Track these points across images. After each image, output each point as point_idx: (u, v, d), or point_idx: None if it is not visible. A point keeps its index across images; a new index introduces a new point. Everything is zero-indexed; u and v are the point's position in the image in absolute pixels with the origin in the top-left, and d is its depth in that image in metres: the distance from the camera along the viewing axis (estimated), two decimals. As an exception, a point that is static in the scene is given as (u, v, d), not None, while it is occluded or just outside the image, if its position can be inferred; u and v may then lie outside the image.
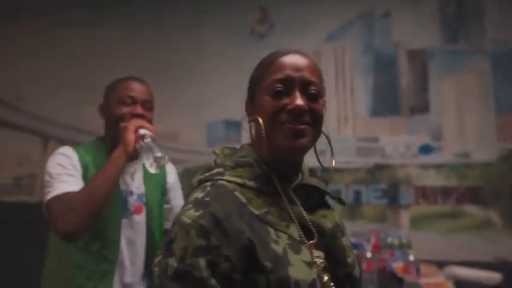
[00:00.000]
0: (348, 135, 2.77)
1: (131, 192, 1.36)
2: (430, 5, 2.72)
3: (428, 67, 2.72)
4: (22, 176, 3.16)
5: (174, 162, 1.62)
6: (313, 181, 0.76)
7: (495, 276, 1.98)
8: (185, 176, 1.69)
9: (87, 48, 3.15)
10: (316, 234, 0.71)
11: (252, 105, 0.79)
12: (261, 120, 0.73)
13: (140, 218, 1.36)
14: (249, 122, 0.78)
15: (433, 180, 2.65)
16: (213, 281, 0.62)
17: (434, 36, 2.71)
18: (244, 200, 0.70)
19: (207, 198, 0.69)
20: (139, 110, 1.31)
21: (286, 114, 0.71)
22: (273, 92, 0.73)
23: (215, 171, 0.76)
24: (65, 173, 1.23)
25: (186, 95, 2.97)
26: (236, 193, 0.71)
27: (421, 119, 2.70)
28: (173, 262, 0.64)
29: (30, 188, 3.13)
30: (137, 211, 1.35)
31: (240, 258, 0.64)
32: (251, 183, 0.73)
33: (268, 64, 0.77)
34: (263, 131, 0.73)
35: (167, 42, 3.04)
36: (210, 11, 3.00)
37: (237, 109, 3.28)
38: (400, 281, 1.94)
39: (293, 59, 0.75)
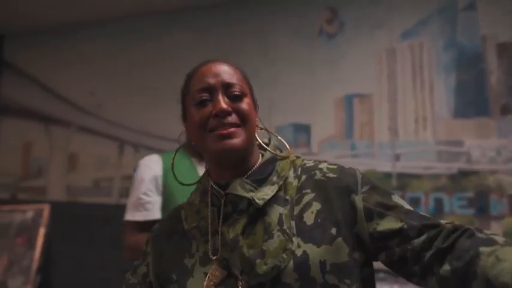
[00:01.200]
0: (427, 139, 2.55)
1: None
2: (524, -8, 2.42)
3: (523, 61, 2.42)
4: (101, 178, 3.35)
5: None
6: (234, 187, 0.74)
7: None
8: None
9: (158, 55, 3.26)
10: (219, 247, 0.73)
11: (186, 123, 0.82)
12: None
13: None
14: (187, 139, 0.83)
15: (530, 188, 2.34)
16: (133, 279, 0.86)
17: (530, 27, 2.41)
18: (183, 217, 0.82)
19: (166, 215, 0.92)
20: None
21: (213, 120, 0.74)
22: (198, 102, 0.76)
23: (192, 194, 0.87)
24: (144, 192, 1.39)
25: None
26: (182, 211, 0.84)
27: (515, 119, 2.40)
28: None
29: (108, 190, 3.30)
30: None
31: (153, 271, 0.81)
32: (196, 200, 0.81)
33: (189, 78, 0.81)
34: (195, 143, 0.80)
35: (234, 46, 3.05)
36: (278, 12, 2.96)
37: (305, 112, 3.23)
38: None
39: (210, 67, 0.78)
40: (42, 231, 2.84)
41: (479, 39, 2.52)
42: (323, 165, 0.79)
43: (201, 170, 1.45)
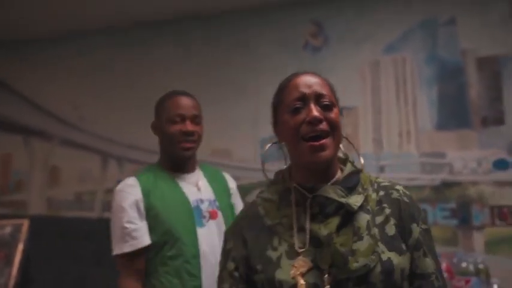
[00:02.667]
0: (411, 151, 2.59)
1: (202, 200, 1.39)
2: (502, 8, 2.51)
3: (501, 75, 2.49)
4: (83, 192, 3.28)
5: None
6: (326, 191, 0.81)
7: None
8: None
9: (143, 67, 3.25)
10: (308, 242, 0.80)
11: (277, 128, 0.91)
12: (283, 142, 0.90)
13: (217, 222, 1.39)
14: (279, 143, 0.92)
15: (511, 199, 2.39)
16: (223, 274, 0.88)
17: (508, 42, 2.49)
18: (262, 213, 0.87)
19: (240, 213, 0.97)
20: (189, 126, 1.37)
21: (305, 126, 0.81)
22: (292, 109, 0.84)
23: (261, 189, 0.93)
24: (127, 220, 1.31)
25: (239, 112, 2.95)
26: (259, 207, 0.88)
27: (494, 131, 2.46)
28: None
29: (90, 204, 3.23)
30: (213, 216, 1.38)
31: (240, 262, 0.86)
32: (275, 198, 0.87)
33: (283, 88, 0.89)
34: (287, 150, 0.88)
35: (220, 58, 3.06)
36: (263, 25, 2.99)
37: (291, 124, 3.15)
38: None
39: (304, 79, 0.87)
40: (20, 247, 2.75)
41: (459, 53, 2.59)
42: (399, 187, 0.89)
43: (182, 182, 1.41)
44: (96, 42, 3.38)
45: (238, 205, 1.55)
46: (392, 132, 2.64)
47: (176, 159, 1.41)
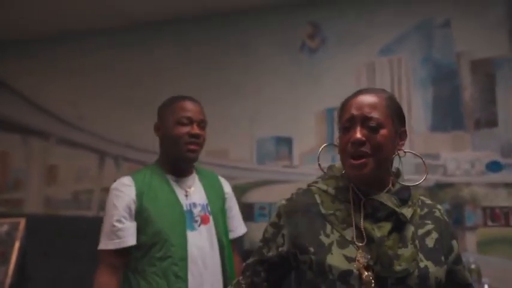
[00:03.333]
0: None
1: (194, 204, 1.41)
2: (496, 11, 2.54)
3: (495, 78, 2.52)
4: (80, 191, 3.30)
5: (224, 178, 1.62)
6: (382, 198, 0.92)
7: None
8: (234, 193, 1.64)
9: (142, 67, 3.26)
10: (366, 239, 0.89)
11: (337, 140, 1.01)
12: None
13: (208, 227, 1.41)
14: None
15: (503, 200, 2.42)
16: (270, 244, 0.99)
17: (502, 45, 2.52)
18: (318, 201, 0.97)
19: (293, 196, 1.02)
20: (196, 130, 1.39)
21: (351, 146, 0.91)
22: (343, 129, 0.95)
23: (315, 180, 1.03)
24: (117, 219, 1.34)
25: (237, 112, 2.97)
26: (316, 195, 0.98)
27: (488, 133, 2.49)
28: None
29: (87, 203, 3.25)
30: (204, 221, 1.40)
31: (290, 240, 0.95)
32: (331, 191, 0.97)
33: (343, 105, 0.98)
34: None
35: (218, 59, 3.08)
36: (261, 27, 3.01)
37: (287, 125, 3.26)
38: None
39: (358, 100, 0.94)
40: (17, 246, 2.76)
41: (454, 56, 2.62)
42: (440, 207, 1.03)
43: (176, 186, 1.42)
44: (96, 43, 3.40)
45: (234, 208, 1.57)
46: (387, 134, 2.67)
47: (178, 161, 1.43)
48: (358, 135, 0.90)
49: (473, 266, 2.16)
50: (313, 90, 2.85)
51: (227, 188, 1.57)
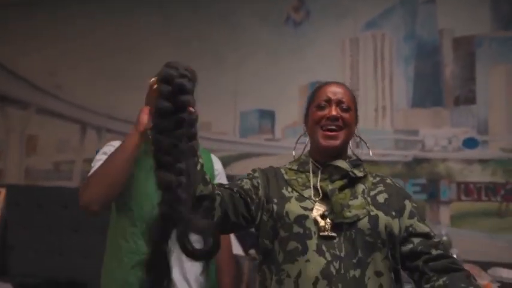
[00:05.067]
0: (386, 127, 2.66)
1: None
2: (480, -12, 2.54)
3: (475, 56, 2.55)
4: (61, 161, 3.27)
5: (207, 150, 1.62)
6: (337, 162, 1.09)
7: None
8: (217, 166, 1.66)
9: (123, 36, 3.19)
10: (321, 194, 1.06)
11: (306, 119, 1.18)
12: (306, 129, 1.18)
13: None
14: (305, 132, 1.18)
15: (477, 176, 2.50)
16: (244, 181, 1.10)
17: (483, 23, 2.53)
18: (283, 172, 1.16)
19: (267, 167, 1.18)
20: None
21: (325, 121, 1.09)
22: (319, 106, 1.11)
23: (285, 164, 1.20)
24: (104, 158, 1.30)
25: (220, 84, 2.95)
26: (282, 170, 1.17)
27: (466, 110, 2.54)
28: None
29: (69, 174, 3.23)
30: None
31: (263, 189, 1.10)
32: (294, 167, 1.16)
33: (316, 90, 1.17)
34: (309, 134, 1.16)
35: (202, 31, 3.02)
36: (245, -1, 2.95)
37: (270, 98, 3.26)
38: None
39: (332, 87, 1.14)
40: (-2, 215, 2.75)
41: (436, 32, 2.63)
42: (391, 178, 1.17)
43: None
44: (76, 10, 3.28)
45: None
46: (369, 109, 2.70)
47: None
48: (335, 112, 1.09)
49: (444, 238, 2.24)
50: (296, 64, 2.83)
51: (217, 165, 1.57)
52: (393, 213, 1.06)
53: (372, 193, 1.09)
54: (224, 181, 1.57)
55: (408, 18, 2.68)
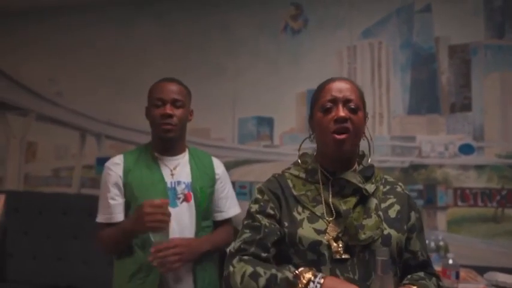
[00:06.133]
0: (383, 134, 2.69)
1: (179, 182, 1.48)
2: (474, -2, 2.59)
3: (471, 63, 2.59)
4: (60, 168, 3.28)
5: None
6: (348, 176, 1.03)
7: (542, 285, 1.87)
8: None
9: (124, 45, 3.22)
10: (334, 213, 1.00)
11: (312, 120, 1.09)
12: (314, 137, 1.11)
13: (190, 205, 1.47)
14: (311, 135, 1.11)
15: (473, 181, 2.53)
16: (258, 216, 1.03)
17: (478, 31, 2.57)
18: (291, 185, 1.07)
19: (271, 178, 1.12)
20: (167, 109, 1.44)
21: (333, 124, 1.00)
22: (324, 109, 1.03)
23: (288, 167, 1.13)
24: (108, 195, 1.46)
25: (219, 92, 2.98)
26: (288, 180, 1.08)
27: (462, 117, 2.58)
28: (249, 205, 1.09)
29: (68, 180, 3.24)
30: (187, 199, 1.47)
31: (277, 211, 1.04)
32: (302, 175, 1.08)
33: (320, 89, 1.07)
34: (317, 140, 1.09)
35: (201, 40, 3.06)
36: (244, 7, 2.99)
37: (268, 105, 3.30)
38: (439, 277, 1.86)
39: (337, 84, 1.04)
40: (-3, 222, 2.76)
41: (432, 40, 2.67)
42: (401, 184, 1.14)
43: (163, 164, 1.49)
44: (78, 19, 3.31)
45: (226, 189, 1.60)
46: (366, 116, 2.73)
47: (162, 142, 1.50)
48: (343, 113, 1.00)
49: (441, 243, 2.27)
50: (294, 72, 2.87)
51: (219, 169, 1.60)
52: (404, 227, 1.05)
53: (384, 206, 1.05)
54: (226, 185, 1.61)
55: (404, 26, 2.72)
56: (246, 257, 0.98)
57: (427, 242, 2.26)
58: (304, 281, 0.88)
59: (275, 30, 2.93)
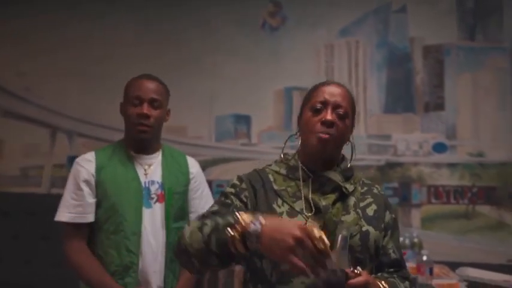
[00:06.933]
0: (360, 132, 2.72)
1: (152, 182, 1.43)
2: (448, 0, 2.65)
3: (444, 64, 2.65)
4: (29, 167, 3.15)
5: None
6: (329, 174, 1.04)
7: (512, 279, 1.92)
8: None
9: (97, 40, 3.11)
10: (314, 209, 1.01)
11: (300, 119, 1.10)
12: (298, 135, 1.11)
13: (162, 206, 1.43)
14: (297, 132, 1.11)
15: (446, 179, 2.59)
16: (232, 197, 1.04)
17: (451, 32, 2.64)
18: (271, 179, 1.08)
19: (252, 172, 1.11)
20: (144, 109, 1.38)
21: (320, 125, 1.01)
22: (314, 109, 1.04)
23: (269, 163, 1.13)
24: (74, 191, 1.39)
25: (196, 89, 2.93)
26: (269, 175, 1.09)
27: (435, 116, 2.64)
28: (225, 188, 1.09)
29: (38, 179, 3.11)
30: (160, 199, 1.43)
31: (251, 203, 1.03)
32: (283, 171, 1.09)
33: (313, 90, 1.08)
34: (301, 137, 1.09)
35: (178, 36, 2.99)
36: (221, 5, 2.95)
37: (246, 103, 3.27)
38: (411, 281, 1.90)
39: (331, 88, 1.05)
40: (-39, 223, 2.62)
41: (407, 40, 2.72)
42: (377, 186, 1.16)
43: (137, 162, 1.44)
44: (47, 11, 3.16)
45: (201, 189, 1.54)
46: (343, 114, 2.75)
47: (135, 140, 1.45)
48: (331, 117, 1.01)
49: (416, 240, 2.32)
50: (272, 69, 2.86)
51: (193, 168, 1.54)
52: (382, 225, 1.07)
53: (362, 204, 1.07)
54: (201, 185, 1.56)
55: (381, 26, 2.76)
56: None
57: (401, 239, 2.32)
58: (244, 223, 0.85)
59: (253, 26, 2.91)
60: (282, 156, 1.12)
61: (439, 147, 2.61)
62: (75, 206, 1.37)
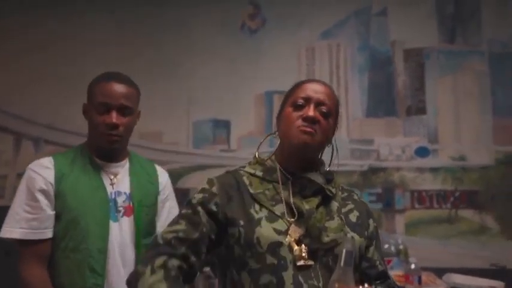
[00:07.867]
0: (342, 137, 2.66)
1: (119, 193, 1.29)
2: (428, 4, 2.65)
3: (424, 67, 2.64)
4: (-9, 177, 2.94)
5: (157, 163, 1.48)
6: (311, 175, 0.99)
7: (498, 285, 1.91)
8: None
9: (66, 42, 2.95)
10: (296, 213, 0.95)
11: (280, 116, 1.04)
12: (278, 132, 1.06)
13: (130, 220, 1.29)
14: (275, 131, 1.05)
15: (429, 184, 2.57)
16: (200, 209, 0.96)
17: (431, 36, 2.64)
18: (247, 183, 1.00)
19: (225, 174, 1.05)
20: (112, 118, 1.23)
21: (301, 121, 0.96)
22: (295, 105, 0.99)
23: (243, 165, 1.07)
24: (27, 203, 1.21)
25: (172, 92, 2.82)
26: (244, 178, 1.02)
27: (417, 120, 2.62)
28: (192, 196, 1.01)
29: (1, 190, 2.91)
30: (127, 212, 1.29)
31: (222, 210, 0.96)
32: (259, 173, 1.01)
33: (296, 86, 1.03)
34: (281, 134, 1.03)
35: (154, 36, 2.88)
36: (200, 4, 2.86)
37: (225, 108, 3.16)
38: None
39: (315, 85, 1.01)
40: None
41: (389, 43, 2.70)
42: (356, 192, 1.14)
43: (103, 171, 1.29)
44: (11, 6, 2.98)
45: (169, 201, 1.42)
46: (325, 118, 2.70)
47: (101, 148, 1.30)
48: (312, 113, 0.96)
49: (401, 247, 2.26)
50: (252, 72, 2.78)
51: (162, 178, 1.42)
52: (366, 233, 1.03)
53: (344, 210, 1.02)
54: (170, 197, 1.43)
55: (362, 29, 2.73)
56: (170, 265, 0.88)
57: (386, 246, 2.27)
58: None
59: (232, 28, 2.83)
60: (256, 156, 1.05)
61: (422, 152, 2.59)
62: (28, 220, 1.19)
